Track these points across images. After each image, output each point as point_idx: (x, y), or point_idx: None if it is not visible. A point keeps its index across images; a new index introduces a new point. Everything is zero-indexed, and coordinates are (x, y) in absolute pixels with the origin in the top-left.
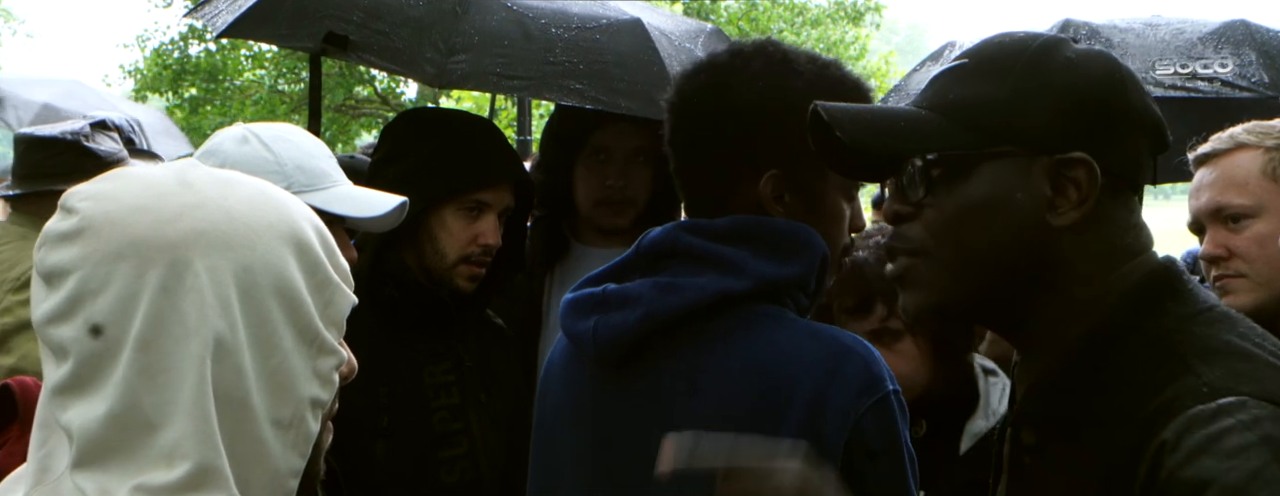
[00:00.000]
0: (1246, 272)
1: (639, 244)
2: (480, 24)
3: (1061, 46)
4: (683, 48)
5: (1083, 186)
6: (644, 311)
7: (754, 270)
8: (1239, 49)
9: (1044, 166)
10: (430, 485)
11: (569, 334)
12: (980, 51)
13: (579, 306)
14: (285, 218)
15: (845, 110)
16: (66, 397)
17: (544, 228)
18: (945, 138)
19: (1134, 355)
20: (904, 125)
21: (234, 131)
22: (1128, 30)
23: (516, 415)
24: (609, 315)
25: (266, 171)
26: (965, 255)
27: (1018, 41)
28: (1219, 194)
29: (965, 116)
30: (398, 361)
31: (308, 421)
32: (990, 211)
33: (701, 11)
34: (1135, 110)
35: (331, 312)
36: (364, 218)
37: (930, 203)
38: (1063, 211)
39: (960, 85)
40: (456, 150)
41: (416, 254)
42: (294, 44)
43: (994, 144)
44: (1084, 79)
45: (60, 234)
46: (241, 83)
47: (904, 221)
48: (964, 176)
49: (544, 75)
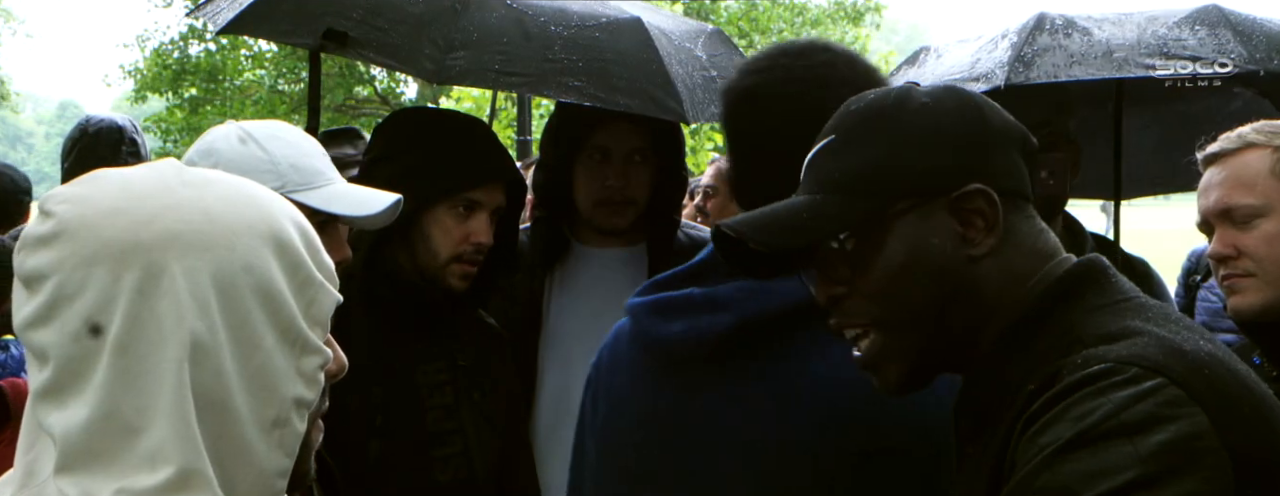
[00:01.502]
0: (1255, 272)
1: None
2: (479, 21)
3: (911, 95)
4: (682, 47)
5: (986, 213)
6: (736, 315)
7: None
8: (1215, 29)
9: (944, 206)
10: (424, 484)
11: (651, 337)
12: (841, 124)
13: (662, 310)
14: (265, 216)
15: (747, 222)
16: (48, 402)
17: (544, 228)
18: (848, 213)
19: (1046, 342)
20: (807, 216)
21: (227, 130)
22: (1103, 20)
23: (510, 414)
24: (698, 318)
25: (260, 170)
26: (912, 310)
27: (872, 105)
28: (1228, 193)
29: (855, 187)
30: (391, 360)
31: (293, 421)
32: (917, 263)
33: (701, 11)
34: (998, 127)
35: (315, 311)
36: (358, 216)
37: (859, 274)
38: (978, 242)
39: (838, 161)
40: (449, 149)
41: (409, 253)
42: (293, 40)
43: (892, 203)
44: (943, 117)
45: (38, 237)
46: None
47: (840, 299)
48: (879, 241)
49: (543, 72)
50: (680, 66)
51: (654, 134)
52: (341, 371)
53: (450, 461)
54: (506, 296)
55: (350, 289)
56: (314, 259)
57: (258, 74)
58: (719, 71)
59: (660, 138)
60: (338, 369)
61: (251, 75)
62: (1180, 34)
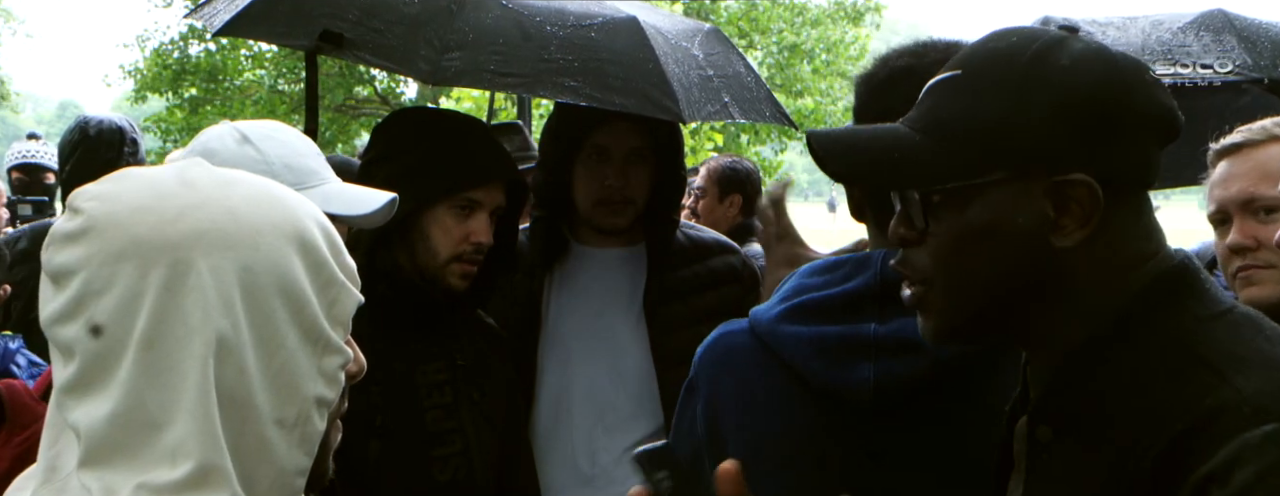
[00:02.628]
0: (1276, 263)
1: (882, 272)
2: (475, 21)
3: (1056, 52)
4: (679, 46)
5: (1085, 206)
6: (933, 358)
7: None
8: (1219, 36)
9: (1043, 188)
10: (424, 484)
11: (822, 379)
12: (973, 61)
13: (836, 349)
14: (289, 216)
15: (836, 141)
16: (73, 397)
17: (543, 228)
18: (938, 168)
19: (1150, 354)
20: (897, 157)
21: (222, 130)
22: (1108, 24)
23: (509, 414)
24: (888, 362)
25: (254, 170)
26: (970, 282)
27: (1011, 49)
28: (1253, 185)
29: (959, 139)
30: (391, 360)
31: (313, 420)
32: (992, 238)
33: (701, 11)
34: (1139, 110)
35: (337, 311)
36: (353, 215)
37: (933, 230)
38: (1067, 232)
39: (953, 101)
40: (448, 149)
41: (409, 253)
42: (290, 42)
43: (990, 171)
44: (1080, 88)
45: (66, 234)
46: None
47: (909, 245)
48: (963, 203)
49: (539, 72)
50: (676, 65)
51: (653, 133)
52: (361, 372)
53: (449, 461)
54: (506, 296)
55: None
56: (336, 259)
57: (258, 74)
58: (716, 70)
59: (660, 137)
60: (357, 370)
61: (251, 75)
62: (1185, 39)
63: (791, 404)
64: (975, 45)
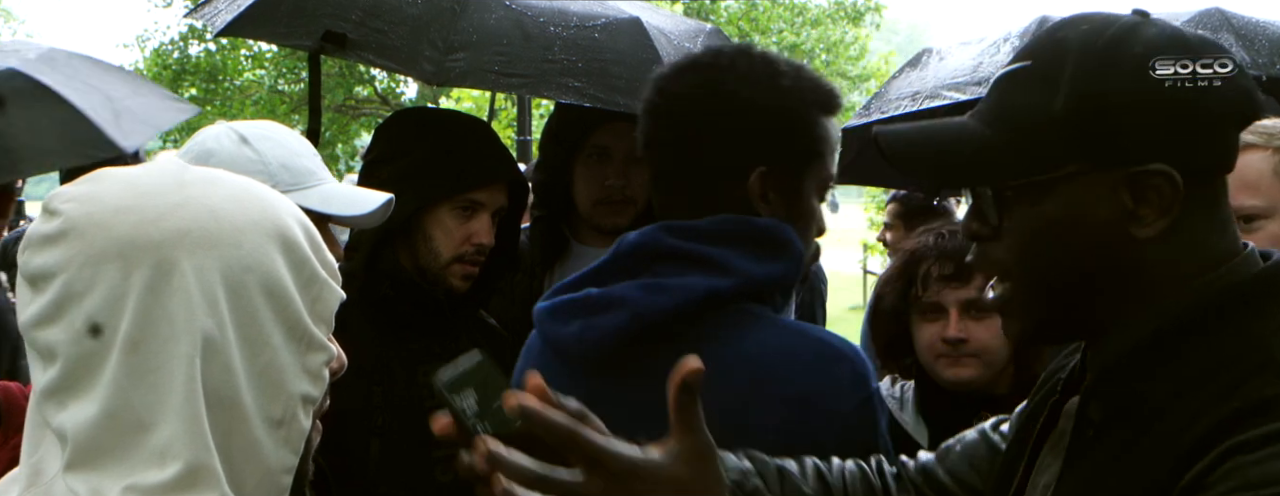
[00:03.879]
0: None
1: (618, 247)
2: (478, 22)
3: (1131, 39)
4: (681, 47)
5: (1165, 196)
6: (631, 313)
7: (740, 269)
8: (1217, 33)
9: (1121, 179)
10: (424, 484)
11: (549, 338)
12: (1043, 51)
13: (559, 311)
14: (270, 215)
15: (906, 139)
16: (57, 400)
17: (544, 228)
18: (1012, 164)
19: (1224, 352)
20: (968, 154)
21: (218, 130)
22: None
23: None
24: (594, 318)
25: (251, 170)
26: (1053, 277)
27: (1083, 38)
28: (1233, 194)
29: (1032, 135)
30: (392, 361)
31: (299, 418)
32: (1072, 231)
33: (701, 11)
34: (1219, 98)
35: (320, 309)
36: (350, 215)
37: (1008, 225)
38: (1148, 222)
39: (1024, 94)
40: (450, 150)
41: (411, 254)
42: (292, 42)
43: (1064, 164)
44: (1152, 81)
45: (44, 236)
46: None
47: (984, 240)
48: (1039, 198)
49: (542, 73)
50: None
51: None
52: (343, 369)
53: (450, 461)
54: (507, 296)
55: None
56: (318, 257)
57: (258, 74)
58: None
59: None
60: (339, 366)
61: (251, 75)
62: None
63: (547, 372)
64: (1045, 34)
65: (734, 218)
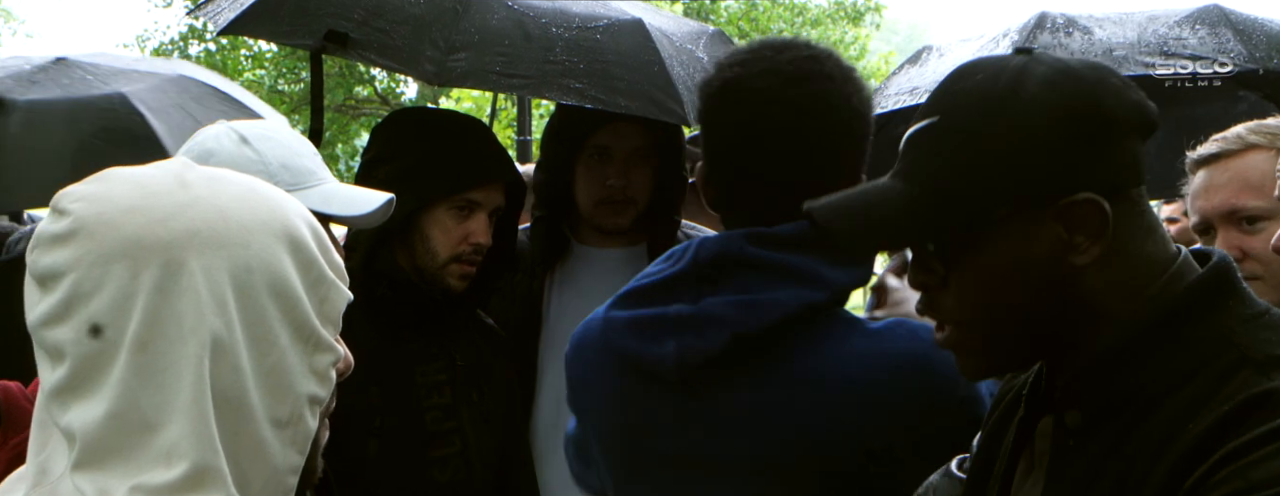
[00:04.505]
0: (1262, 275)
1: (695, 256)
2: (480, 22)
3: (1024, 80)
4: (684, 49)
5: (1094, 222)
6: (731, 333)
7: (830, 278)
8: (1215, 29)
9: (1051, 213)
10: (423, 484)
11: (634, 356)
12: (946, 106)
13: (644, 328)
14: (278, 215)
15: (836, 210)
16: (65, 399)
17: (544, 228)
18: (945, 218)
19: (1197, 351)
20: (900, 215)
21: (218, 130)
22: (1104, 19)
23: (509, 414)
24: (690, 337)
25: (251, 170)
26: (1001, 318)
27: (979, 89)
28: (1234, 196)
29: (955, 188)
30: (390, 361)
31: (306, 419)
32: (1016, 271)
33: (702, 11)
34: (1117, 116)
35: (327, 309)
36: (350, 215)
37: (954, 275)
38: (1084, 249)
39: (936, 154)
40: (448, 150)
41: (408, 253)
42: (294, 42)
43: (992, 211)
44: (1056, 112)
45: (53, 236)
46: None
47: (932, 291)
48: (978, 247)
49: (544, 74)
50: (681, 68)
51: (655, 134)
52: (349, 370)
53: (449, 461)
54: (506, 296)
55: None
56: (326, 257)
57: (258, 74)
58: None
59: (661, 137)
60: (346, 367)
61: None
62: (1181, 33)
63: (619, 385)
64: (943, 88)
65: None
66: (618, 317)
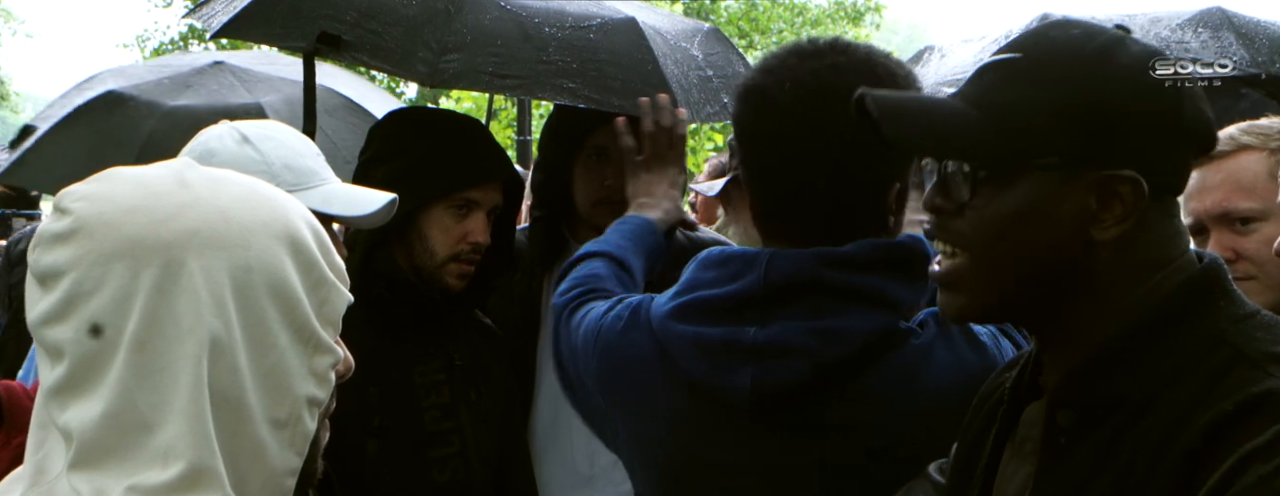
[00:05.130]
0: (1256, 275)
1: (765, 275)
2: (473, 23)
3: (1117, 52)
4: (678, 47)
5: (1128, 202)
6: (811, 362)
7: (900, 298)
8: (1218, 32)
9: (1090, 180)
10: (422, 484)
11: (705, 383)
12: (1033, 47)
13: (717, 352)
14: (279, 216)
15: (891, 103)
16: (63, 399)
17: (543, 228)
18: (993, 146)
19: (1191, 349)
20: (952, 130)
21: (221, 130)
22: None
23: (507, 413)
24: (767, 366)
25: (254, 170)
26: (1006, 262)
27: (1073, 42)
28: (1227, 197)
29: (1011, 123)
30: (388, 361)
31: (305, 420)
32: (1033, 222)
33: (701, 11)
34: (1187, 120)
35: (327, 311)
36: (353, 216)
37: (974, 205)
38: (1106, 226)
39: (1009, 86)
40: (446, 149)
41: (406, 253)
42: (288, 44)
43: (1039, 156)
44: (1141, 91)
45: (54, 234)
46: None
47: (946, 215)
48: (1008, 184)
49: (537, 74)
50: (676, 66)
51: None
52: (349, 372)
53: (448, 461)
54: (505, 296)
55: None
56: (326, 259)
57: None
58: (715, 71)
59: None
60: (346, 369)
61: None
62: (1183, 36)
63: (676, 402)
64: (1036, 32)
65: (881, 243)
66: (681, 332)
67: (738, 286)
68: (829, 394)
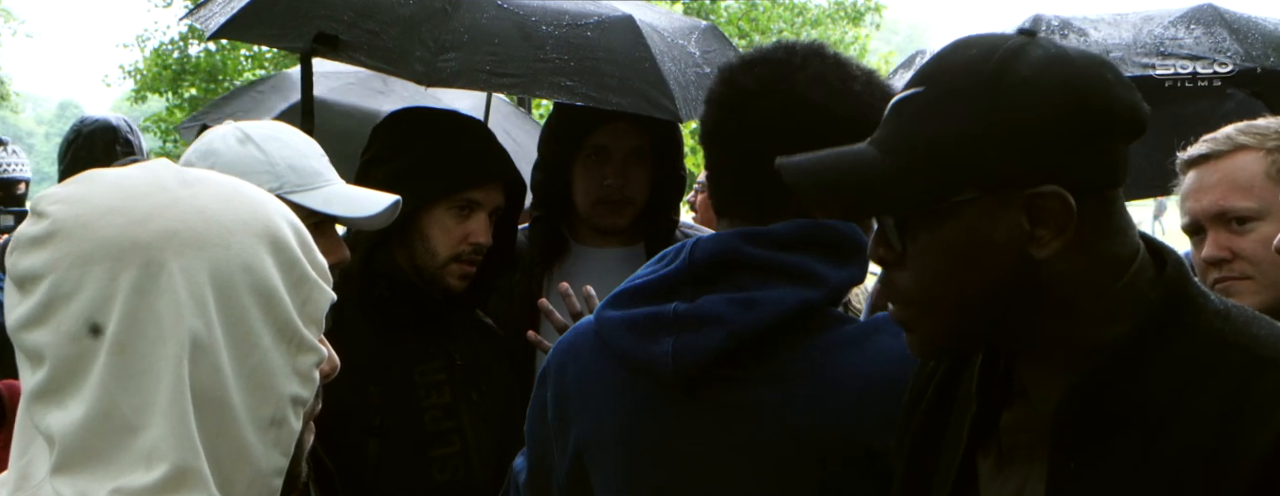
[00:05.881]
0: (1252, 275)
1: (691, 256)
2: (470, 22)
3: (1016, 64)
4: (675, 44)
5: (1059, 216)
6: (728, 331)
7: (825, 277)
8: (1210, 29)
9: (1017, 201)
10: (423, 483)
11: (630, 356)
12: (935, 76)
13: (642, 327)
14: (259, 215)
15: (803, 169)
16: (44, 402)
17: (542, 228)
18: (908, 193)
19: (1188, 349)
20: (867, 182)
21: (225, 131)
22: (1099, 20)
23: (508, 413)
24: (687, 336)
25: (259, 171)
26: (954, 301)
27: (971, 64)
28: (1223, 197)
29: (927, 161)
30: (389, 360)
31: (289, 420)
32: (971, 255)
33: (701, 11)
34: (1103, 112)
35: (310, 310)
36: (356, 217)
37: (911, 252)
38: (1045, 242)
39: (915, 124)
40: (447, 150)
41: (407, 253)
42: (285, 44)
43: (959, 190)
44: (1043, 99)
45: (32, 238)
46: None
47: (890, 266)
48: (936, 225)
49: (534, 72)
50: (673, 64)
51: (653, 133)
52: (334, 371)
53: (448, 461)
54: (505, 296)
55: (348, 289)
56: (308, 257)
57: (258, 74)
58: (712, 68)
59: (659, 137)
60: (331, 369)
61: (251, 75)
62: (1176, 33)
63: (618, 385)
64: (936, 59)
65: (810, 223)
66: (612, 317)
67: (668, 270)
68: (749, 370)
